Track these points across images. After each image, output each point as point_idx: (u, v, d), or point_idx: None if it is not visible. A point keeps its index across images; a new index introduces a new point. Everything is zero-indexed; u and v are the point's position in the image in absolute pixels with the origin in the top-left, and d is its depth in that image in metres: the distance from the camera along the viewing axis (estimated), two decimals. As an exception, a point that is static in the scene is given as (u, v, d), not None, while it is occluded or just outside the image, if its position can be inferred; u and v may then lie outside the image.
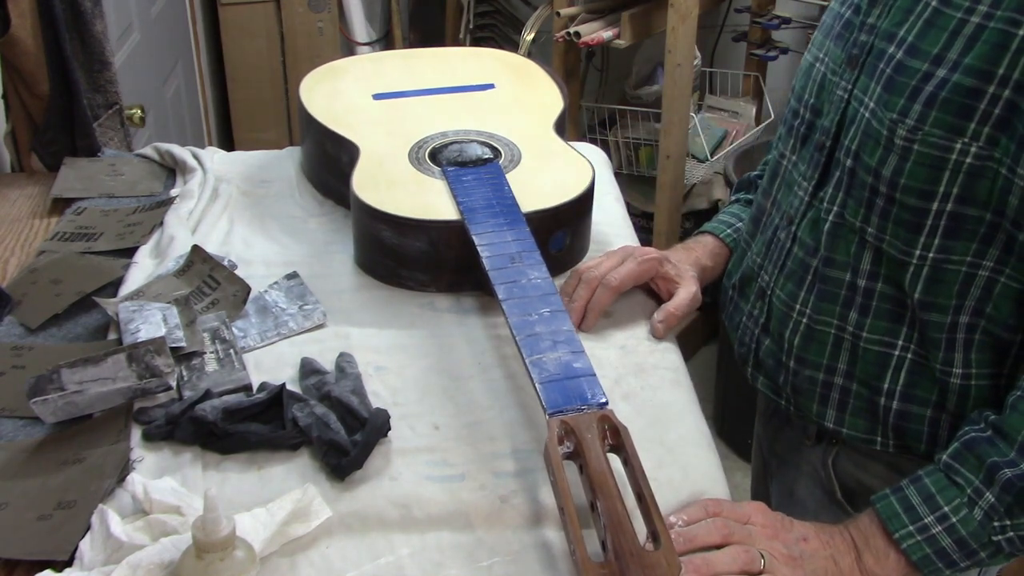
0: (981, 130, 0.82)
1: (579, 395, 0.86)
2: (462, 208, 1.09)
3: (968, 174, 0.84)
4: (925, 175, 0.86)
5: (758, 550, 0.84)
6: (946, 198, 0.86)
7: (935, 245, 0.88)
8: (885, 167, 0.88)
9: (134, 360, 0.94)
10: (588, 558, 0.72)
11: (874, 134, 0.89)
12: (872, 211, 0.91)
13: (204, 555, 0.72)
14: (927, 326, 0.91)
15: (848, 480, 1.03)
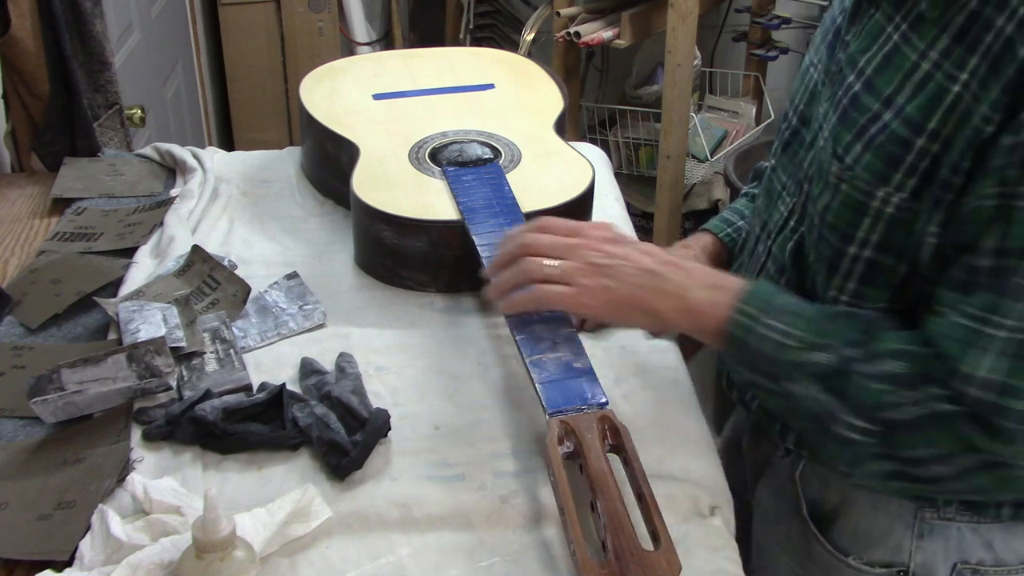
0: (906, 181, 0.80)
1: (579, 395, 0.86)
2: (462, 208, 1.09)
3: (888, 223, 0.83)
4: (848, 217, 0.85)
5: (551, 261, 0.88)
6: (863, 244, 0.85)
7: (849, 290, 0.87)
8: (820, 200, 0.88)
9: (134, 360, 0.94)
10: (588, 558, 0.72)
11: (820, 165, 0.88)
12: (812, 241, 0.90)
13: (204, 555, 0.72)
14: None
15: (813, 494, 1.00)
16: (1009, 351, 0.74)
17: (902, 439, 0.80)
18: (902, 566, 0.95)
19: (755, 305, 0.86)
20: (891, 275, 0.85)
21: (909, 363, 0.79)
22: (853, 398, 0.80)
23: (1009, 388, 0.74)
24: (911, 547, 0.94)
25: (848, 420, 0.81)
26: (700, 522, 0.85)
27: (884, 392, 0.79)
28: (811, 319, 0.84)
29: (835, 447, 0.83)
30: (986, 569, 0.94)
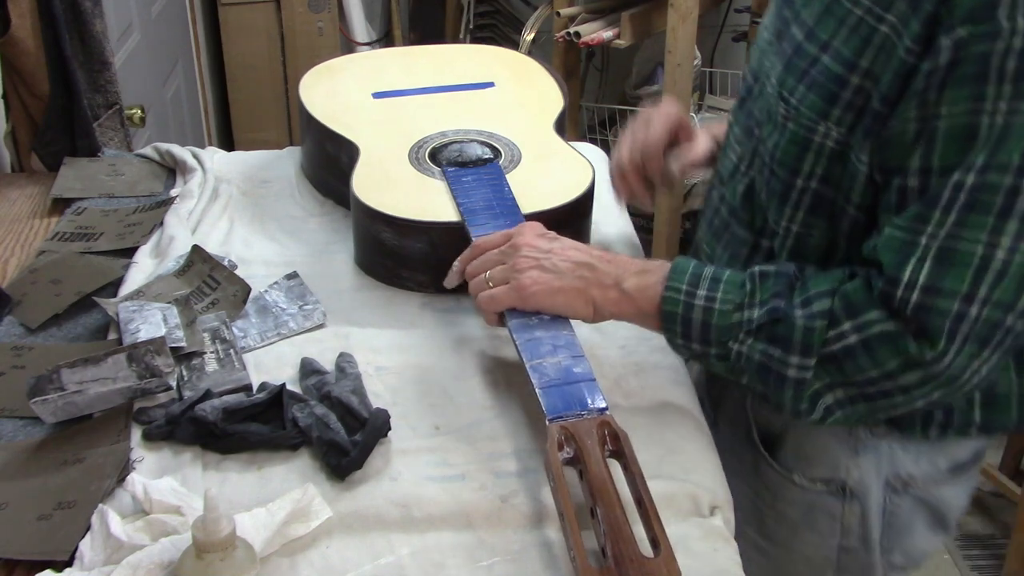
0: (843, 116, 0.88)
1: (579, 400, 0.86)
2: (462, 209, 1.09)
3: (828, 157, 0.90)
4: (794, 152, 0.92)
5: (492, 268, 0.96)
6: (809, 177, 0.92)
7: (799, 219, 0.94)
8: (770, 140, 0.95)
9: (134, 360, 0.94)
10: (588, 564, 0.72)
11: (769, 109, 0.96)
12: (763, 180, 0.98)
13: (204, 555, 0.72)
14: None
15: (762, 422, 1.08)
16: (935, 256, 0.81)
17: (850, 366, 0.86)
18: (840, 482, 1.03)
19: (682, 280, 0.92)
20: (832, 206, 0.92)
21: (839, 298, 0.86)
22: (797, 342, 0.87)
23: (934, 289, 0.81)
24: (847, 464, 1.02)
25: (796, 361, 0.87)
26: (700, 522, 0.85)
27: (823, 328, 0.86)
28: (736, 283, 0.91)
29: (790, 392, 0.88)
30: (914, 481, 1.04)
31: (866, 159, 0.87)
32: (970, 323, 0.81)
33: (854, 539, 1.06)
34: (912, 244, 0.82)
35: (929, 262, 0.81)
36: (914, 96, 0.81)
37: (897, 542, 1.08)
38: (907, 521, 1.07)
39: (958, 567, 2.27)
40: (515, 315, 0.96)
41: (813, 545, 1.09)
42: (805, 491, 1.06)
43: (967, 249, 0.80)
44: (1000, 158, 0.78)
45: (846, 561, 1.08)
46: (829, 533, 1.07)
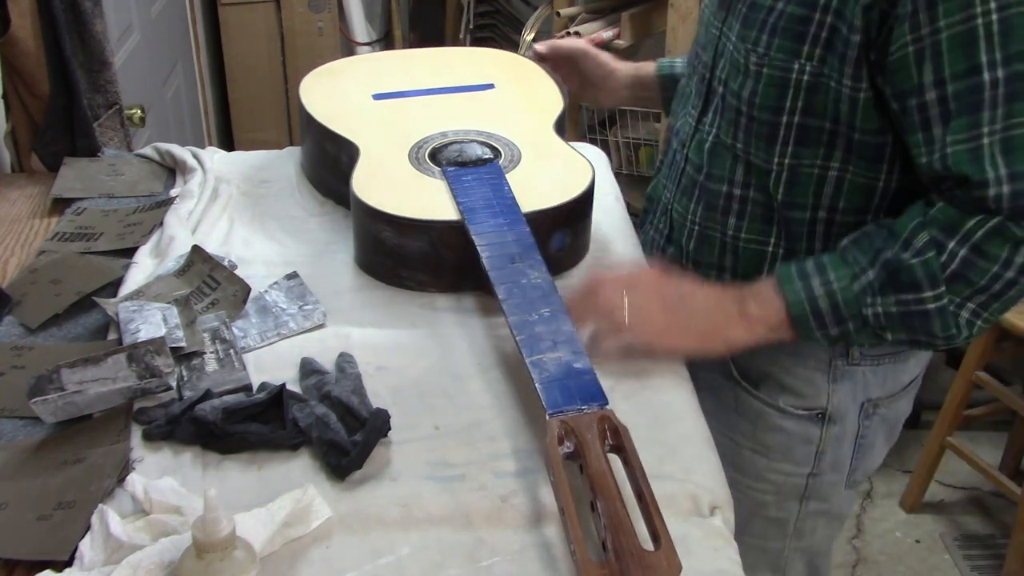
0: (813, 51, 0.98)
1: (579, 395, 0.86)
2: (462, 208, 1.09)
3: (807, 90, 1.00)
4: (774, 94, 1.02)
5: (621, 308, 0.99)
6: (792, 112, 1.01)
7: (789, 152, 1.03)
8: (744, 90, 1.04)
9: (134, 360, 0.94)
10: (588, 558, 0.72)
11: (736, 63, 1.05)
12: (739, 129, 1.07)
13: (204, 555, 0.72)
14: (791, 223, 1.07)
15: (742, 364, 1.18)
16: (1002, 149, 0.90)
17: (974, 273, 0.93)
18: (821, 408, 1.15)
19: (793, 282, 1.00)
20: (819, 133, 1.01)
21: (933, 226, 0.94)
22: (921, 279, 0.94)
23: (1018, 174, 0.89)
24: (828, 391, 1.14)
25: (930, 295, 0.94)
26: (700, 522, 0.85)
27: (935, 256, 0.93)
28: (836, 261, 0.99)
29: (938, 324, 0.95)
30: (881, 401, 1.17)
31: (850, 83, 0.96)
32: None
33: (826, 464, 1.18)
34: (978, 149, 0.90)
35: (1000, 156, 0.90)
36: (904, 21, 0.90)
37: (861, 462, 1.21)
38: (871, 440, 1.20)
39: (958, 567, 2.27)
40: (514, 311, 0.96)
41: (785, 475, 1.20)
42: (787, 416, 1.16)
43: (1022, 132, 0.89)
44: (1014, 49, 0.87)
45: (813, 486, 1.20)
46: (803, 461, 1.18)
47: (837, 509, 1.25)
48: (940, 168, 0.93)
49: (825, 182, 1.04)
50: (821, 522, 1.24)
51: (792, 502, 1.22)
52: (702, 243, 1.15)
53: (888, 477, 2.54)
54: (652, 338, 1.00)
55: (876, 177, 1.02)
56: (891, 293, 0.96)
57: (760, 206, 1.09)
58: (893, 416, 1.20)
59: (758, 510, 1.23)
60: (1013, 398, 2.22)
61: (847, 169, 1.02)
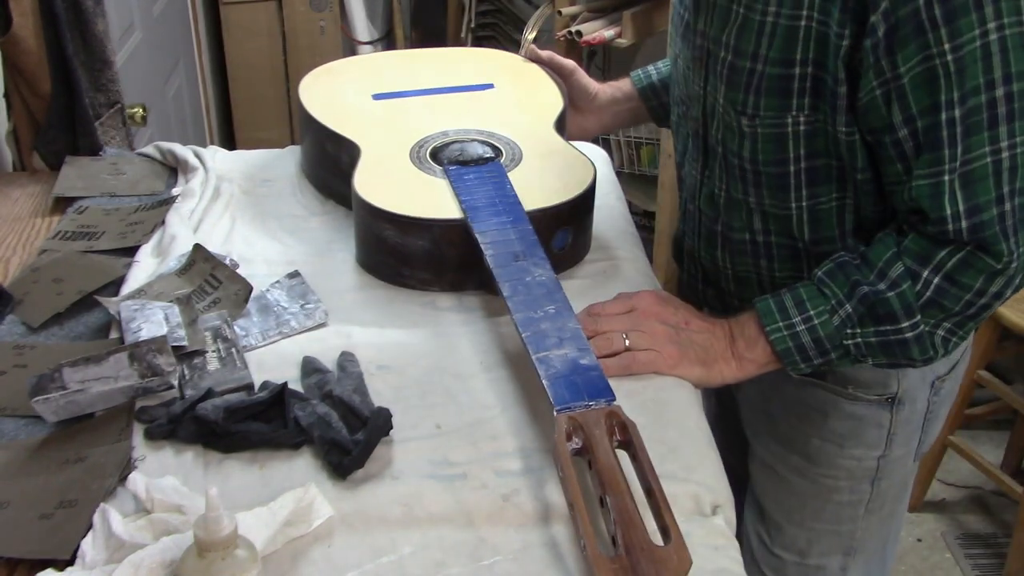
0: (802, 102, 0.99)
1: (586, 391, 0.86)
2: (465, 207, 1.09)
3: (806, 137, 1.01)
4: (773, 148, 1.03)
5: (622, 331, 1.01)
6: (797, 159, 1.03)
7: (804, 195, 1.05)
8: (744, 150, 1.06)
9: (136, 359, 0.94)
10: (599, 553, 0.73)
11: (729, 126, 1.06)
12: (747, 184, 1.08)
13: (206, 554, 0.72)
14: (822, 256, 1.07)
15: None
16: (960, 185, 0.93)
17: (948, 300, 0.97)
18: (891, 394, 1.16)
19: (775, 319, 1.03)
20: (829, 170, 1.03)
21: (906, 256, 0.97)
22: (898, 310, 0.98)
23: (974, 208, 0.93)
24: (898, 376, 1.15)
25: (907, 324, 0.98)
26: (702, 521, 0.85)
27: (910, 287, 0.97)
28: (814, 294, 1.02)
29: (916, 349, 1.00)
30: (946, 376, 1.19)
31: (844, 129, 0.98)
32: (1012, 216, 0.94)
33: (897, 445, 1.20)
34: (939, 185, 0.93)
35: (959, 192, 0.93)
36: (869, 70, 0.93)
37: (928, 435, 1.23)
38: (937, 412, 1.22)
39: (959, 566, 2.27)
40: (519, 309, 0.96)
41: (857, 459, 1.20)
42: (857, 403, 1.17)
43: (980, 165, 0.92)
44: (969, 85, 0.90)
45: (884, 467, 1.21)
46: (875, 444, 1.19)
47: (905, 480, 1.27)
48: (909, 201, 0.96)
49: (845, 211, 1.06)
50: (891, 496, 1.26)
51: (864, 484, 1.23)
52: (741, 284, 1.17)
53: (890, 476, 2.53)
54: (658, 365, 1.01)
55: (885, 210, 1.04)
56: (870, 325, 0.99)
57: (786, 248, 1.11)
58: (954, 386, 1.23)
59: (830, 496, 1.24)
60: (1015, 397, 2.22)
61: (859, 202, 1.05)
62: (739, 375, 1.05)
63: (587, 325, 1.01)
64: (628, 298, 1.06)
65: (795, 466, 1.23)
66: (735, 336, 1.05)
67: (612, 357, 1.00)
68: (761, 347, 1.03)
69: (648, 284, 1.16)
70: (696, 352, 1.03)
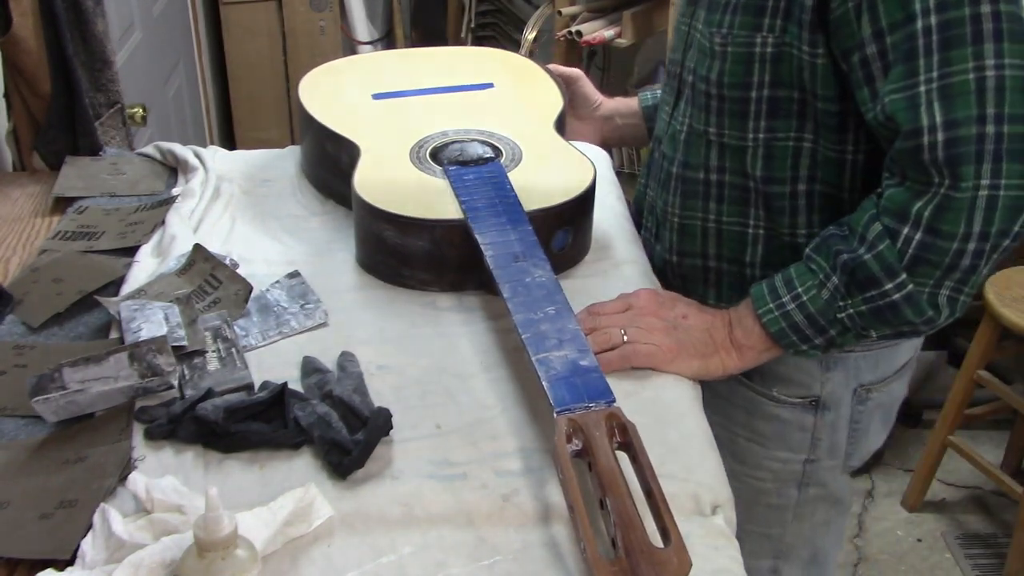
0: (774, 23, 1.00)
1: (586, 393, 0.86)
2: (465, 207, 1.09)
3: (772, 62, 1.02)
4: (741, 70, 1.05)
5: (620, 327, 1.01)
6: (761, 85, 1.04)
7: (762, 127, 1.06)
8: (712, 72, 1.07)
9: (136, 359, 0.94)
10: (599, 556, 0.73)
11: (703, 48, 1.09)
12: (710, 113, 1.10)
13: (206, 554, 0.72)
14: (771, 199, 1.09)
15: None
16: (938, 95, 0.90)
17: (935, 254, 0.93)
18: (814, 396, 1.17)
19: (765, 301, 1.02)
20: (789, 104, 1.04)
21: (883, 215, 0.95)
22: (879, 272, 0.95)
23: (952, 122, 0.89)
24: (821, 380, 1.16)
25: (891, 286, 0.95)
26: (701, 521, 0.85)
27: (889, 246, 0.94)
28: (802, 271, 1.01)
29: (909, 311, 0.96)
30: (873, 386, 1.18)
31: (808, 50, 0.99)
32: (994, 141, 0.89)
33: (822, 451, 1.20)
34: (915, 96, 0.90)
35: (937, 102, 0.90)
36: None
37: (857, 447, 1.22)
38: (866, 425, 1.21)
39: (959, 566, 2.27)
40: (519, 310, 0.96)
41: (782, 462, 1.22)
42: (781, 405, 1.18)
43: (961, 79, 0.89)
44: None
45: (810, 472, 1.22)
46: (799, 448, 1.20)
47: (837, 493, 1.26)
48: (882, 119, 0.94)
49: (800, 154, 1.06)
50: (821, 507, 1.26)
51: (791, 488, 1.23)
52: (684, 234, 1.18)
53: (889, 476, 2.54)
54: (656, 359, 1.01)
55: (843, 150, 1.04)
56: (857, 293, 0.97)
57: (738, 188, 1.11)
58: (887, 400, 1.22)
59: (759, 498, 1.24)
60: (1015, 397, 2.22)
61: (818, 142, 1.05)
62: (741, 364, 1.05)
63: (586, 323, 1.02)
64: (625, 297, 1.07)
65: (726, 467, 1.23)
66: (733, 325, 1.05)
67: (610, 351, 1.00)
68: (757, 333, 1.03)
69: (648, 284, 1.16)
70: (694, 345, 1.03)
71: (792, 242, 1.11)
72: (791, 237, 1.11)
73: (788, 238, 1.11)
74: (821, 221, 1.08)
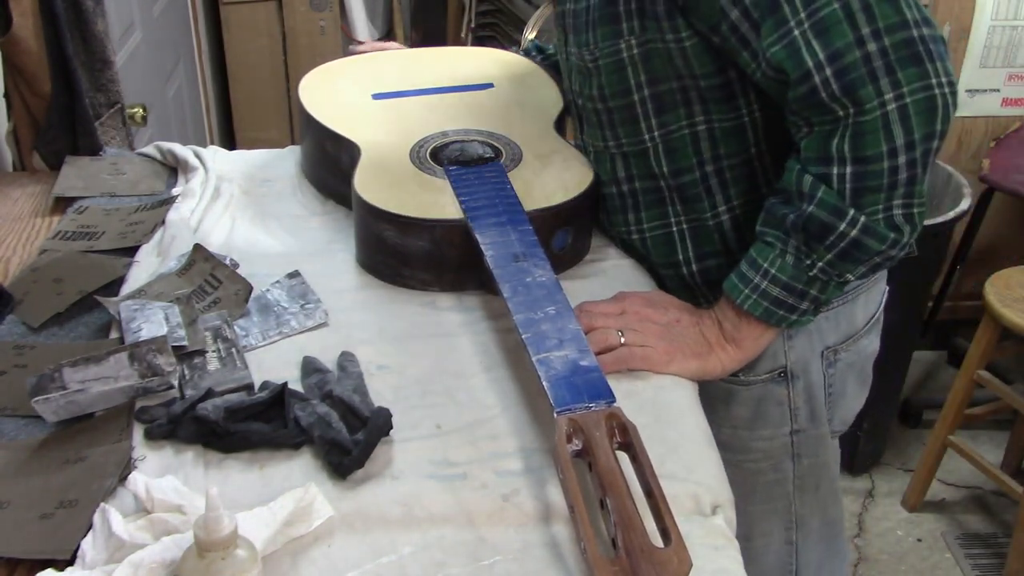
0: (631, 25, 1.03)
1: (587, 393, 0.86)
2: (465, 207, 1.09)
3: (643, 61, 1.05)
4: (617, 78, 1.07)
5: (616, 329, 1.02)
6: (640, 87, 1.07)
7: (655, 124, 1.08)
8: (593, 88, 1.11)
9: (136, 359, 0.94)
10: (599, 555, 0.73)
11: (580, 69, 1.12)
12: (604, 127, 1.13)
13: (206, 554, 0.72)
14: (684, 189, 1.11)
15: None
16: (813, 34, 0.91)
17: (873, 180, 0.93)
18: (781, 367, 1.17)
19: (739, 289, 1.03)
20: (672, 95, 1.06)
21: (807, 164, 0.96)
22: (827, 216, 0.95)
23: (835, 54, 0.91)
24: (784, 349, 1.15)
25: (844, 224, 0.95)
26: (702, 521, 0.85)
27: (826, 189, 0.95)
28: (760, 249, 1.02)
29: (872, 242, 0.96)
30: (839, 346, 1.18)
31: (672, 36, 1.01)
32: (880, 56, 0.90)
33: (803, 419, 1.20)
34: (792, 42, 0.92)
35: (814, 41, 0.91)
36: None
37: (835, 410, 1.22)
38: (841, 387, 1.21)
39: (959, 566, 2.27)
40: (520, 310, 0.96)
41: (768, 439, 1.21)
42: (752, 387, 1.18)
43: (829, 11, 0.90)
44: None
45: (800, 443, 1.22)
46: (780, 422, 1.20)
47: (829, 459, 1.27)
48: (771, 73, 0.95)
49: (699, 138, 1.07)
50: (824, 477, 1.26)
51: (785, 462, 1.23)
52: (626, 249, 1.21)
53: (890, 476, 2.54)
54: (654, 362, 1.02)
55: (739, 115, 1.06)
56: (817, 245, 0.97)
57: (651, 192, 1.13)
58: (858, 359, 1.22)
59: (756, 477, 1.25)
60: (1014, 397, 2.22)
61: (711, 119, 1.06)
62: (741, 356, 1.06)
63: (580, 321, 1.01)
64: (619, 300, 1.07)
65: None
66: (721, 321, 1.05)
67: (607, 353, 1.00)
68: (745, 321, 1.04)
69: (647, 285, 1.16)
70: (690, 346, 1.04)
71: (717, 224, 1.12)
72: (714, 219, 1.12)
73: (712, 222, 1.12)
74: (738, 193, 1.10)
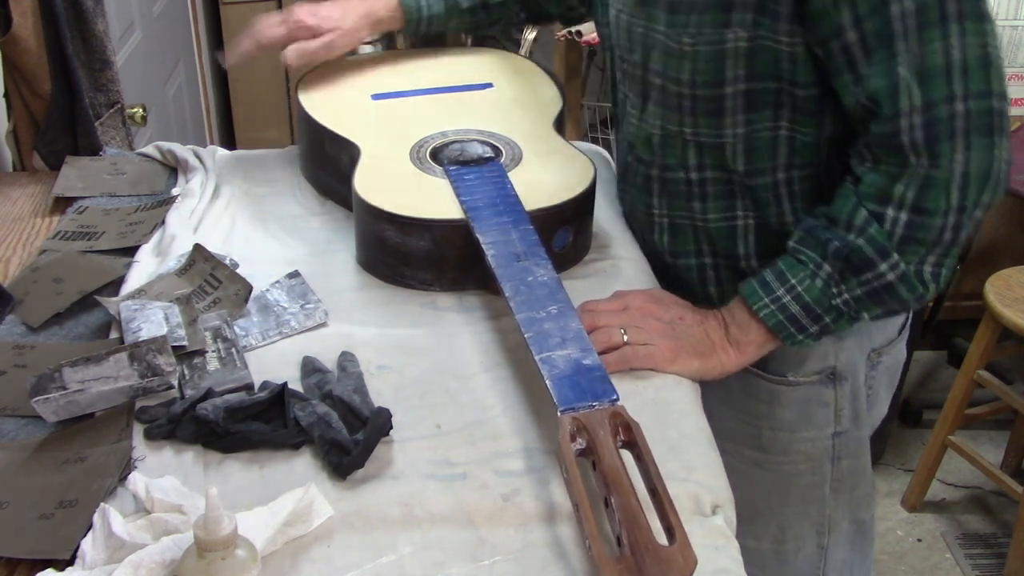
0: (743, 18, 1.00)
1: (590, 391, 0.86)
2: (466, 207, 1.09)
3: (746, 56, 1.02)
4: (714, 67, 1.04)
5: (619, 326, 1.01)
6: (735, 81, 1.04)
7: (740, 121, 1.06)
8: (683, 72, 1.06)
9: (136, 359, 0.94)
10: (604, 554, 0.73)
11: (669, 51, 1.07)
12: (684, 114, 1.09)
13: (206, 554, 0.72)
14: (756, 190, 1.10)
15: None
16: (916, 78, 0.93)
17: (921, 231, 0.96)
18: (830, 368, 1.17)
19: (759, 297, 1.03)
20: (766, 95, 1.04)
21: (866, 200, 0.98)
22: (873, 254, 0.98)
23: (930, 103, 0.93)
24: (835, 350, 1.16)
25: (886, 267, 0.98)
26: (702, 521, 0.85)
27: (878, 228, 0.97)
28: (792, 263, 1.03)
29: (904, 289, 0.99)
30: (883, 349, 1.21)
31: (786, 40, 0.99)
32: (963, 118, 0.93)
33: (846, 421, 1.20)
34: (895, 79, 0.93)
35: (915, 86, 0.93)
36: None
37: (871, 414, 1.23)
38: (877, 390, 1.23)
39: (960, 566, 2.27)
40: (522, 309, 0.96)
41: (810, 441, 1.21)
42: (799, 387, 1.18)
43: (933, 61, 0.92)
44: None
45: (841, 445, 1.22)
46: (824, 423, 1.20)
47: (868, 461, 1.27)
48: (866, 102, 0.96)
49: (778, 143, 1.07)
50: (861, 479, 1.26)
51: (825, 465, 1.23)
52: (675, 235, 1.19)
53: (890, 476, 2.54)
54: (656, 360, 1.02)
55: (818, 132, 1.06)
56: (852, 277, 1.00)
57: (721, 183, 1.12)
58: (893, 363, 1.24)
59: (793, 480, 1.24)
60: (1014, 397, 2.22)
61: (795, 128, 1.06)
62: (740, 361, 1.06)
63: (583, 320, 1.01)
64: (621, 297, 1.07)
65: (751, 459, 1.23)
66: (728, 324, 1.06)
67: (610, 352, 1.00)
68: (754, 328, 1.04)
69: (648, 283, 1.16)
70: (693, 345, 1.04)
71: (781, 230, 1.11)
72: (780, 226, 1.11)
73: (777, 227, 1.12)
74: (803, 206, 1.10)
